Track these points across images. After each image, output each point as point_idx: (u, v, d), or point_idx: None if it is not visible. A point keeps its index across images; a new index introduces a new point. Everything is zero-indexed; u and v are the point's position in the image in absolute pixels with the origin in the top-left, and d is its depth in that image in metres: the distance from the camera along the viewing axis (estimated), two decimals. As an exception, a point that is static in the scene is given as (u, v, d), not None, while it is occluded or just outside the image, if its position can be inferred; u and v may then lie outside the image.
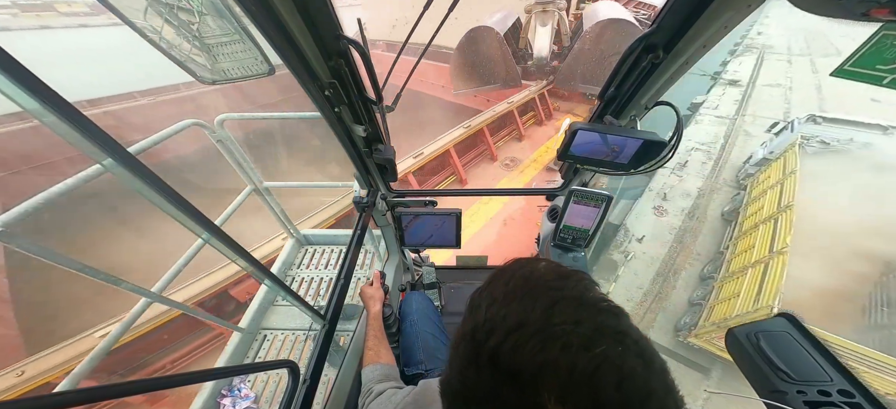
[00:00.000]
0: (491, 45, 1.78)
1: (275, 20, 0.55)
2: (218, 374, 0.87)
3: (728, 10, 0.59)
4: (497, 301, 0.36)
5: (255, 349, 2.20)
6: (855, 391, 0.60)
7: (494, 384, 0.32)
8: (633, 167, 0.92)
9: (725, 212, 8.74)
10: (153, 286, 1.40)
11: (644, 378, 0.29)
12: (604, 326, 0.32)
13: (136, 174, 0.51)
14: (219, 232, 0.80)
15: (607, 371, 0.29)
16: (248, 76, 0.70)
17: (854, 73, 0.48)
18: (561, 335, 0.30)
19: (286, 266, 2.72)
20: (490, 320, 0.35)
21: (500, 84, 2.09)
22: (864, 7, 0.32)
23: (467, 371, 0.34)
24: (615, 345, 0.30)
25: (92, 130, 0.43)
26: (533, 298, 0.34)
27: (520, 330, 0.32)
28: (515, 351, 0.31)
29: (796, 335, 0.71)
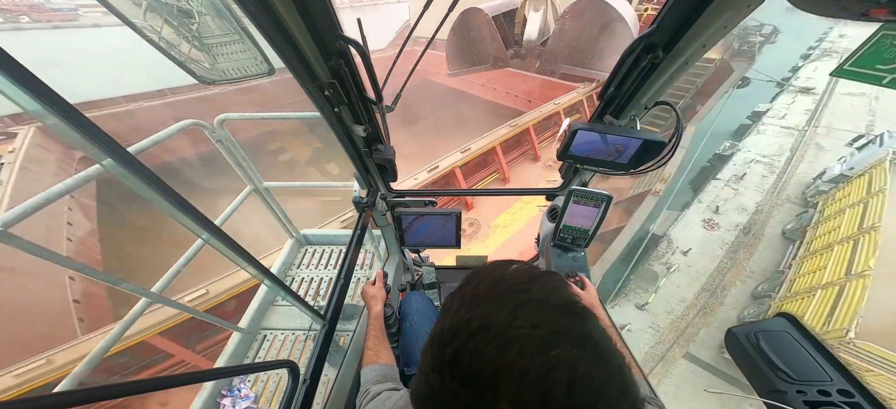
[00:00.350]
0: (481, 27, 1.91)
1: (274, 20, 0.55)
2: (218, 374, 0.87)
3: (728, 10, 0.59)
4: (465, 304, 0.36)
5: (254, 349, 2.20)
6: (854, 390, 0.60)
7: (454, 387, 0.32)
8: (632, 167, 0.92)
9: (787, 230, 8.17)
10: (153, 287, 1.40)
11: (599, 380, 0.30)
12: (563, 329, 0.32)
13: (136, 174, 0.51)
14: (218, 232, 0.80)
15: (559, 375, 0.29)
16: (247, 76, 0.70)
17: (854, 73, 0.48)
18: (519, 339, 0.31)
19: (286, 266, 2.72)
20: (455, 324, 0.35)
21: (490, 65, 2.20)
22: (863, 7, 0.33)
23: (431, 376, 0.35)
24: (571, 348, 0.30)
25: (91, 131, 0.43)
26: (499, 301, 0.35)
27: (481, 334, 0.32)
28: (473, 355, 0.31)
29: (796, 335, 0.71)
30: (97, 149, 0.44)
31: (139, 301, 1.39)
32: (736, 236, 8.11)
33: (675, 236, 8.10)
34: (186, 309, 1.58)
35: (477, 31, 1.85)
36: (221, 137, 1.75)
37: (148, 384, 0.56)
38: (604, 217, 1.33)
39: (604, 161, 0.95)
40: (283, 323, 2.33)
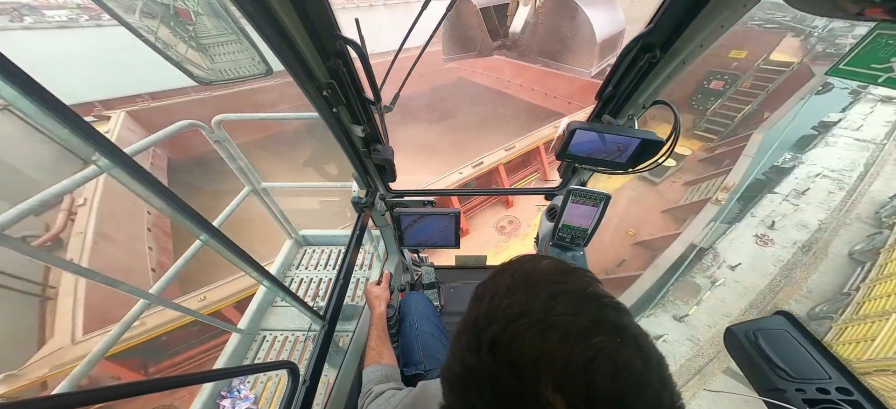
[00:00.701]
0: (471, 17, 2.05)
1: (272, 20, 0.55)
2: (217, 375, 0.87)
3: (724, 10, 0.59)
4: (499, 293, 0.37)
5: (254, 350, 2.20)
6: (853, 389, 0.60)
7: (494, 368, 0.32)
8: (630, 166, 0.92)
9: (856, 251, 7.37)
10: (151, 288, 1.40)
11: (640, 371, 0.30)
12: (602, 319, 0.33)
13: (133, 176, 0.51)
14: (217, 233, 0.80)
15: (603, 362, 0.29)
16: (244, 77, 0.69)
17: (849, 72, 0.48)
18: (559, 326, 0.31)
19: (285, 267, 2.71)
20: (492, 311, 0.35)
21: (477, 53, 2.37)
22: (858, 7, 0.32)
23: (467, 357, 0.35)
24: (613, 337, 0.31)
25: (87, 132, 0.43)
26: (535, 291, 0.35)
27: (520, 319, 0.33)
28: (515, 339, 0.32)
29: (794, 334, 0.71)
30: (93, 150, 0.43)
31: (137, 302, 1.39)
32: (793, 255, 7.46)
33: (722, 249, 7.55)
34: (186, 310, 1.58)
35: (467, 21, 1.95)
36: (219, 138, 1.75)
37: (147, 385, 0.56)
38: (602, 216, 1.33)
39: (602, 160, 0.95)
40: (283, 324, 2.33)
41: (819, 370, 0.64)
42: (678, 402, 0.31)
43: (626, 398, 0.29)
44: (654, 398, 0.29)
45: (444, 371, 0.39)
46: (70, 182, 1.00)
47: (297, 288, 2.59)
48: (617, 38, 2.53)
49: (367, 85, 0.90)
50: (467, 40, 1.92)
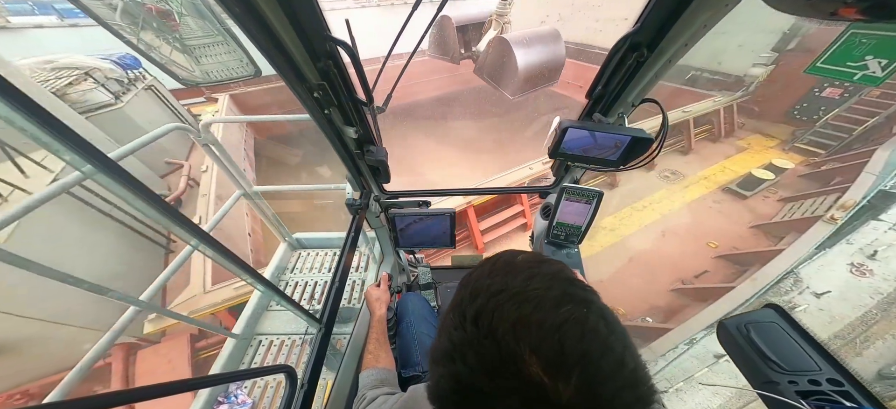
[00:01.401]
0: (450, 29, 2.64)
1: (259, 21, 0.54)
2: (214, 381, 0.86)
3: (707, 9, 0.60)
4: (482, 277, 0.42)
5: (250, 355, 2.17)
6: (843, 379, 0.61)
7: (477, 338, 0.36)
8: (622, 163, 0.93)
9: None
10: (141, 295, 1.37)
11: (604, 335, 0.34)
12: (572, 293, 0.37)
13: (119, 181, 0.50)
14: (208, 238, 0.79)
15: (572, 327, 0.34)
16: (232, 78, 0.68)
17: (826, 70, 0.49)
18: (534, 298, 0.36)
19: (279, 271, 2.69)
20: (475, 290, 0.40)
21: (450, 58, 2.90)
22: (831, 7, 0.33)
23: (454, 333, 0.38)
24: (580, 307, 0.36)
25: (69, 137, 0.42)
26: (514, 273, 0.40)
27: (500, 294, 0.37)
28: (495, 311, 0.36)
29: (784, 326, 0.73)
30: (76, 156, 0.43)
31: (128, 310, 1.37)
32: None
33: (807, 275, 6.90)
34: (177, 316, 1.55)
35: (447, 31, 2.50)
36: (207, 141, 1.72)
37: (142, 392, 0.55)
38: (596, 213, 1.34)
39: (594, 158, 0.96)
40: (279, 328, 2.31)
41: (810, 362, 0.65)
42: (642, 367, 0.35)
43: (592, 356, 0.32)
44: (617, 359, 0.33)
45: (432, 352, 0.42)
46: (53, 188, 0.98)
47: (292, 292, 2.57)
48: (550, 71, 3.07)
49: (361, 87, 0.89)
50: (446, 46, 2.49)
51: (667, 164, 9.30)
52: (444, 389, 0.37)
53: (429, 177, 10.26)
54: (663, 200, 8.24)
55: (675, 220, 7.60)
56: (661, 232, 7.41)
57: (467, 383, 0.35)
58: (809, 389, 0.60)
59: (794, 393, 0.60)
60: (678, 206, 8.05)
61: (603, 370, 0.32)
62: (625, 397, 0.32)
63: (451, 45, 2.71)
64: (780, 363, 0.65)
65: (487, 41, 2.15)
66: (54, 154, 0.43)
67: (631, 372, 0.33)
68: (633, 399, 0.33)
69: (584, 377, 0.31)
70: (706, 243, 7.26)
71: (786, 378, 0.62)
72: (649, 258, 6.88)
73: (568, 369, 0.32)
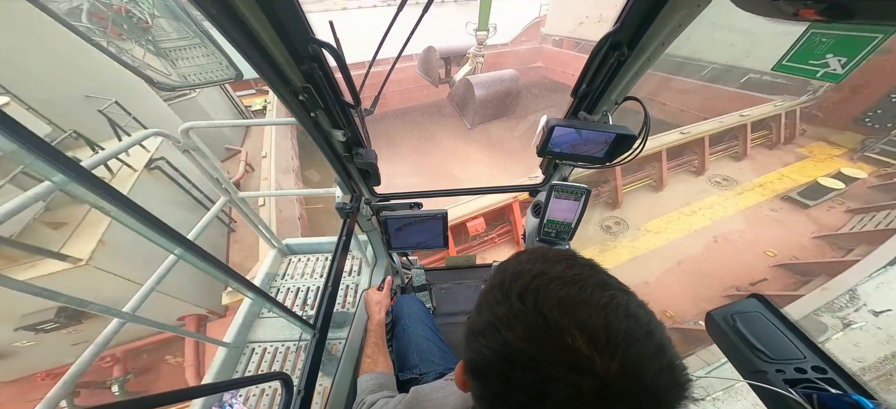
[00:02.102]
0: (434, 57, 3.34)
1: (238, 23, 0.53)
2: (208, 390, 0.84)
3: (681, 9, 0.62)
4: (521, 262, 0.43)
5: (243, 364, 2.13)
6: (827, 366, 0.62)
7: (525, 311, 0.37)
8: (608, 160, 0.95)
9: None
10: (125, 306, 1.34)
11: (646, 320, 0.36)
12: (611, 281, 0.39)
13: (94, 191, 0.48)
14: (193, 247, 0.77)
15: (617, 307, 0.35)
16: (212, 82, 0.67)
17: (791, 67, 0.51)
18: (578, 281, 0.37)
19: (270, 278, 2.65)
20: (516, 272, 0.41)
21: (431, 81, 3.52)
22: (793, 8, 0.35)
23: (498, 308, 0.39)
24: (622, 295, 0.37)
25: (36, 144, 0.40)
26: (552, 261, 0.41)
27: (542, 275, 0.38)
28: (540, 290, 0.37)
29: (768, 315, 0.74)
30: (45, 165, 0.41)
31: (111, 322, 1.32)
32: (968, 314, 5.94)
33: (865, 292, 6.34)
34: (163, 326, 1.51)
35: (432, 58, 3.10)
36: (188, 147, 1.67)
37: (135, 403, 0.53)
38: (585, 210, 1.35)
39: (581, 156, 0.97)
40: (271, 335, 2.27)
41: (794, 350, 0.66)
42: (678, 357, 0.35)
43: (636, 336, 0.34)
44: (658, 343, 0.34)
45: (473, 325, 0.42)
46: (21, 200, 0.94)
47: (284, 298, 2.53)
48: (507, 106, 4.13)
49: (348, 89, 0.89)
50: (430, 70, 3.01)
51: (718, 169, 8.73)
52: (490, 357, 0.37)
53: (459, 176, 10.38)
54: (715, 206, 7.87)
55: (728, 226, 7.25)
56: (713, 238, 7.10)
57: (516, 349, 0.35)
58: (796, 377, 0.61)
59: (782, 382, 0.61)
60: (731, 212, 7.67)
61: (645, 351, 0.33)
62: (664, 379, 0.33)
63: (434, 69, 3.35)
64: (766, 351, 0.66)
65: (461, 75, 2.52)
66: (20, 164, 0.41)
67: (670, 357, 0.34)
68: (672, 382, 0.33)
69: (627, 356, 0.32)
70: (763, 252, 6.91)
71: (773, 367, 0.63)
72: (699, 263, 6.68)
73: (613, 346, 0.32)
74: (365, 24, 15.31)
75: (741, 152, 9.05)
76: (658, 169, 8.21)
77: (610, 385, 0.32)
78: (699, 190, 8.34)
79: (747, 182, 8.40)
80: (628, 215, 7.81)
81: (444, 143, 11.77)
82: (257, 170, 7.09)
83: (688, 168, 8.78)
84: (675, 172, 8.66)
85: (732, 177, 8.57)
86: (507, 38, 15.21)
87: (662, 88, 11.14)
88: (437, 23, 1.01)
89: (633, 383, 0.32)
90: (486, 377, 0.38)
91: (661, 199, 8.18)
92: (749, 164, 8.99)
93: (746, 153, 9.05)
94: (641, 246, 7.16)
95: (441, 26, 10.21)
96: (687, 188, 8.39)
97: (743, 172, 8.70)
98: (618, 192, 7.92)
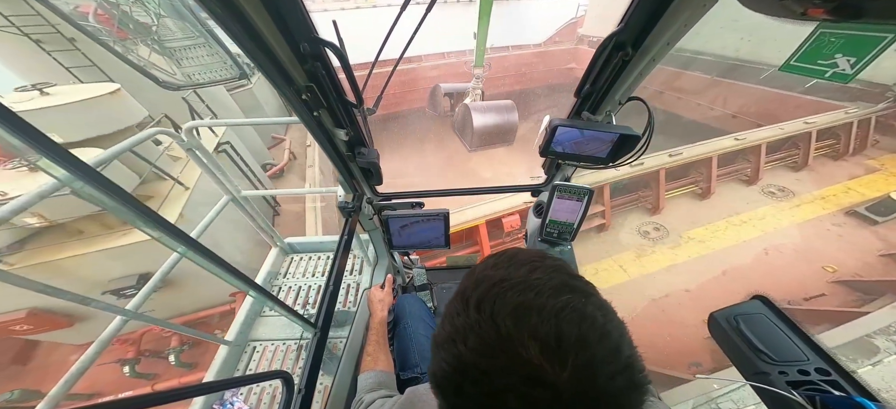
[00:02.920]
0: (440, 94, 4.06)
1: (242, 22, 0.53)
2: (208, 389, 0.84)
3: (687, 8, 0.62)
4: (486, 269, 0.43)
5: (244, 362, 2.14)
6: (830, 368, 0.62)
7: (479, 321, 0.37)
8: (611, 161, 0.94)
9: None
10: (128, 304, 1.34)
11: (602, 323, 0.35)
12: (572, 285, 0.39)
13: (99, 189, 0.48)
14: (196, 245, 0.78)
15: (570, 313, 0.35)
16: (216, 81, 0.67)
17: (799, 67, 0.51)
18: (535, 286, 0.37)
19: (271, 276, 2.66)
20: (478, 280, 0.41)
21: (438, 114, 4.21)
22: (802, 7, 0.34)
23: (455, 319, 0.39)
24: (579, 297, 0.37)
25: (43, 143, 0.40)
26: (517, 266, 0.41)
27: (503, 282, 0.39)
28: (498, 298, 0.37)
29: (771, 316, 0.74)
30: (51, 162, 0.41)
31: (115, 319, 1.33)
32: None
33: None
34: (165, 324, 1.52)
35: (437, 95, 3.95)
36: (191, 146, 1.68)
37: (135, 401, 0.54)
38: (587, 210, 1.35)
39: (584, 156, 0.96)
40: (273, 334, 2.27)
41: (797, 352, 0.65)
42: (637, 358, 0.35)
43: (589, 341, 0.33)
44: (613, 347, 0.34)
45: (434, 338, 0.42)
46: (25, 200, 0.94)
47: (285, 297, 2.53)
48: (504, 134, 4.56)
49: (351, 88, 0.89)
50: (436, 105, 3.73)
51: (773, 179, 8.16)
52: (446, 370, 0.38)
53: (483, 175, 10.48)
54: (767, 217, 7.42)
55: (781, 239, 6.87)
56: (764, 250, 6.74)
57: (469, 362, 0.35)
58: (799, 379, 0.61)
59: (784, 384, 0.60)
60: (786, 224, 7.24)
61: (598, 355, 0.33)
62: (619, 382, 0.33)
63: (440, 104, 4.26)
64: (769, 353, 0.66)
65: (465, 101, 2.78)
66: (26, 160, 0.41)
67: (626, 359, 0.34)
68: (628, 385, 0.33)
69: (579, 362, 0.32)
70: (821, 267, 6.49)
71: (776, 369, 0.63)
72: (747, 274, 6.39)
73: (564, 353, 0.32)
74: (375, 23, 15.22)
75: (801, 162, 8.35)
76: (706, 176, 7.74)
77: (562, 393, 0.31)
78: (750, 200, 7.83)
79: (806, 194, 7.83)
80: (669, 221, 7.51)
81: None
82: (301, 158, 7.81)
83: (739, 176, 8.25)
84: (725, 180, 8.15)
85: (789, 188, 7.97)
86: (540, 38, 15.00)
87: (709, 90, 10.45)
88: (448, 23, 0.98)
89: (587, 388, 0.32)
90: (444, 391, 0.39)
91: (706, 207, 7.79)
92: (809, 175, 8.31)
93: (807, 163, 8.32)
94: (682, 254, 6.89)
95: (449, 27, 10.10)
96: (736, 197, 7.90)
97: (801, 184, 8.09)
98: (659, 197, 7.52)
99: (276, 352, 2.20)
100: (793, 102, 9.05)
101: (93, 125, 3.92)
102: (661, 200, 7.59)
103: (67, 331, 4.33)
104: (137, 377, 4.66)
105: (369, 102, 1.00)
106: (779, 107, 9.12)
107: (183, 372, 4.81)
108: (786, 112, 8.78)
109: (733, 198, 7.87)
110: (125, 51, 0.66)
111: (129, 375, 4.59)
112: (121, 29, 0.65)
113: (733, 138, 7.76)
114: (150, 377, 4.75)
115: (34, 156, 0.40)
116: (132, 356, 4.69)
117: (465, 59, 13.26)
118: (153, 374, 4.79)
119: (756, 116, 9.42)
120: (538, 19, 16.42)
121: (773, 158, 8.38)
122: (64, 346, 4.85)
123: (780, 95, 9.25)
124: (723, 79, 10.30)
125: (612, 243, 7.41)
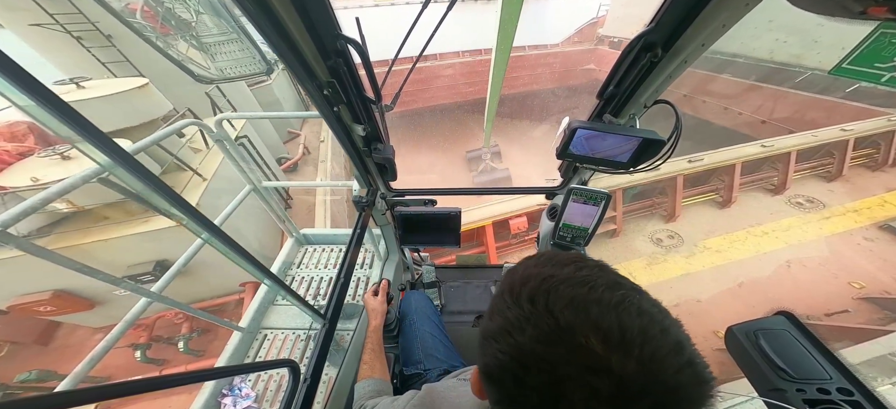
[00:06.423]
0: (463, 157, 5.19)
1: (272, 19, 0.55)
2: (218, 373, 0.87)
3: (725, 9, 0.59)
4: (529, 266, 0.43)
5: (255, 349, 2.20)
6: (854, 389, 0.59)
7: (535, 314, 0.36)
8: (632, 166, 0.92)
9: None
10: (153, 286, 1.40)
11: (660, 318, 0.35)
12: (622, 281, 0.39)
13: (136, 175, 0.51)
14: (219, 232, 0.80)
15: (629, 306, 0.34)
16: (245, 75, 0.69)
17: (852, 71, 0.47)
18: (588, 281, 0.37)
19: (286, 266, 2.72)
20: (525, 276, 0.41)
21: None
22: (861, 5, 0.32)
23: (508, 312, 0.39)
24: (633, 292, 0.37)
25: (90, 130, 0.43)
26: (561, 264, 0.41)
27: (553, 278, 0.38)
28: (550, 292, 0.37)
29: (795, 334, 0.71)
30: (95, 149, 0.44)
31: (139, 301, 1.39)
32: None
33: None
34: (186, 308, 1.58)
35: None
36: (220, 137, 1.74)
37: (147, 383, 0.56)
38: (603, 216, 1.32)
39: (603, 160, 0.94)
40: (284, 323, 2.33)
41: (820, 371, 0.63)
42: (699, 354, 0.34)
43: (651, 333, 0.33)
44: (675, 340, 0.33)
45: (485, 331, 0.42)
46: (70, 181, 1.00)
47: (298, 287, 2.59)
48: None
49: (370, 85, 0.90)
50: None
51: (801, 189, 7.73)
52: (502, 360, 0.37)
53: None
54: (792, 229, 7.06)
55: (806, 252, 6.56)
56: (786, 262, 6.45)
57: (528, 350, 0.35)
58: (818, 397, 0.59)
59: (801, 401, 0.58)
60: (812, 237, 6.88)
61: (663, 348, 0.32)
62: (686, 376, 0.32)
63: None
64: (789, 370, 0.64)
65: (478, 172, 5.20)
66: (74, 146, 0.44)
67: (689, 354, 0.33)
68: (694, 379, 0.32)
69: (644, 354, 0.32)
70: (848, 282, 6.18)
71: (794, 386, 0.61)
72: (765, 287, 6.14)
73: (628, 345, 0.32)
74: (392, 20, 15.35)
75: (835, 172, 7.81)
76: (728, 183, 7.36)
77: (628, 384, 0.31)
78: (774, 210, 7.45)
79: (837, 206, 7.35)
80: (685, 229, 7.24)
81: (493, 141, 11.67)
82: (314, 153, 8.29)
83: (764, 185, 7.85)
84: (748, 188, 7.76)
85: (819, 199, 7.48)
86: (558, 38, 14.78)
87: (738, 93, 9.91)
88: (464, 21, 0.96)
89: (653, 380, 0.31)
90: (500, 382, 0.38)
91: (726, 215, 7.45)
92: (842, 185, 7.79)
93: (841, 173, 7.78)
94: (697, 263, 6.62)
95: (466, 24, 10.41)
96: (759, 207, 7.53)
97: (833, 195, 7.59)
98: (676, 204, 7.23)
99: (285, 341, 2.26)
100: (827, 106, 8.55)
101: (123, 117, 4.12)
102: (678, 208, 7.29)
103: (87, 314, 4.52)
104: (148, 361, 4.75)
105: (387, 99, 1.01)
106: (813, 111, 8.62)
107: (190, 359, 4.87)
108: (820, 117, 8.33)
109: (756, 208, 7.58)
110: (166, 46, 0.69)
111: (140, 360, 4.70)
112: (164, 25, 0.69)
113: (760, 145, 7.35)
114: (160, 363, 4.84)
115: (80, 142, 0.42)
116: (145, 340, 4.83)
117: (480, 59, 13.25)
118: (162, 360, 4.89)
119: (787, 121, 8.87)
120: (557, 18, 16.17)
121: (803, 166, 7.86)
122: (82, 328, 5.05)
123: (815, 99, 8.70)
124: (761, 84, 9.71)
125: (623, 248, 7.16)
